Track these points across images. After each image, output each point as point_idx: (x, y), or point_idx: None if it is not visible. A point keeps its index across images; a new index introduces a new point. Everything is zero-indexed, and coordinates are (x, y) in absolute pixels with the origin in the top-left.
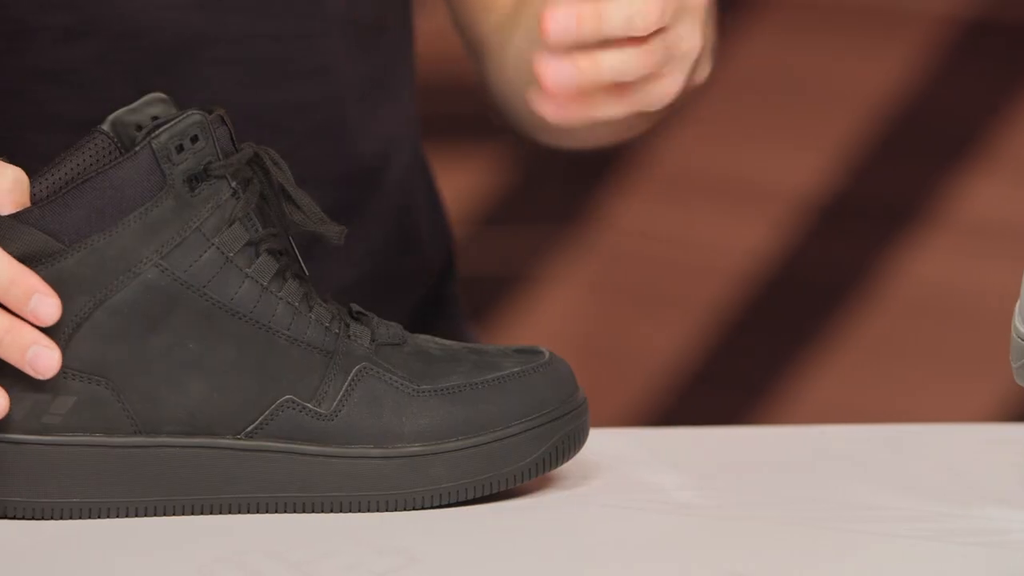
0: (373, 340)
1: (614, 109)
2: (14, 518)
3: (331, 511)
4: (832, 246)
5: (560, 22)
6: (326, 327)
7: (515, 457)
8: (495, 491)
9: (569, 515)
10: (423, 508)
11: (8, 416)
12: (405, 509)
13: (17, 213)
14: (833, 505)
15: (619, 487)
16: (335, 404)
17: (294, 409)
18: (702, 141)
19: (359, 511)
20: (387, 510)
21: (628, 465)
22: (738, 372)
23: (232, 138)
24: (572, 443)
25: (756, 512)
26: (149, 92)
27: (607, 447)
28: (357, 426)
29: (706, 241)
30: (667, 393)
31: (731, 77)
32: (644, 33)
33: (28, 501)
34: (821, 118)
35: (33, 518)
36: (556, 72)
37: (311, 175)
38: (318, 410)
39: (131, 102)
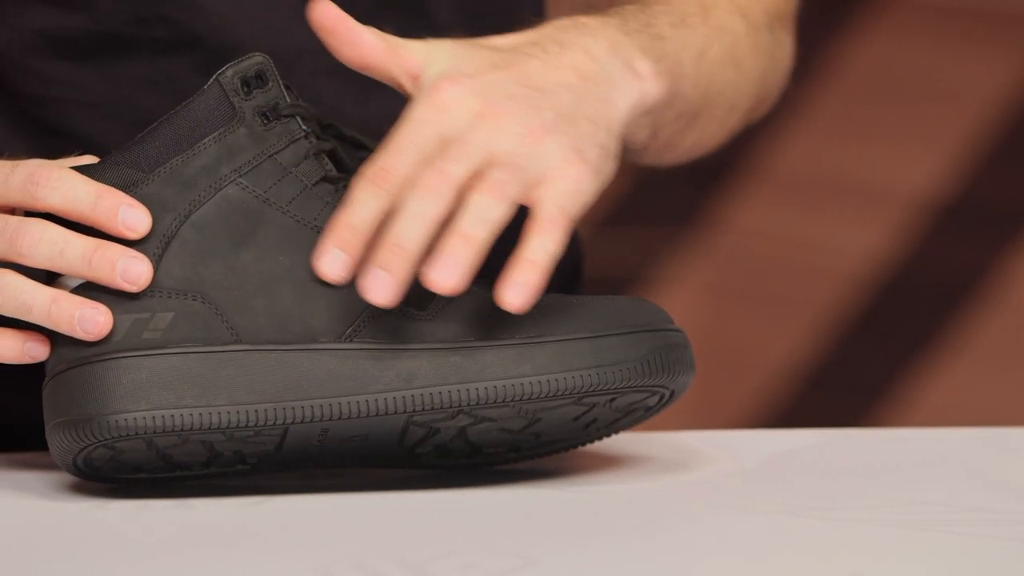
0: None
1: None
2: (127, 437)
3: (438, 406)
4: (950, 249)
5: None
6: None
7: (620, 354)
8: (601, 385)
9: (683, 516)
10: (529, 399)
11: (109, 337)
12: (511, 399)
13: (98, 162)
14: (948, 509)
15: (734, 488)
16: (433, 304)
17: (391, 311)
18: (821, 143)
19: (464, 403)
20: (494, 401)
21: (743, 466)
22: (854, 375)
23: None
24: (678, 359)
25: (870, 515)
26: None
27: (724, 447)
28: (458, 324)
29: (824, 243)
30: (783, 395)
31: (850, 78)
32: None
33: (139, 413)
34: (940, 120)
35: (146, 434)
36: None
37: None
38: (417, 311)
39: None
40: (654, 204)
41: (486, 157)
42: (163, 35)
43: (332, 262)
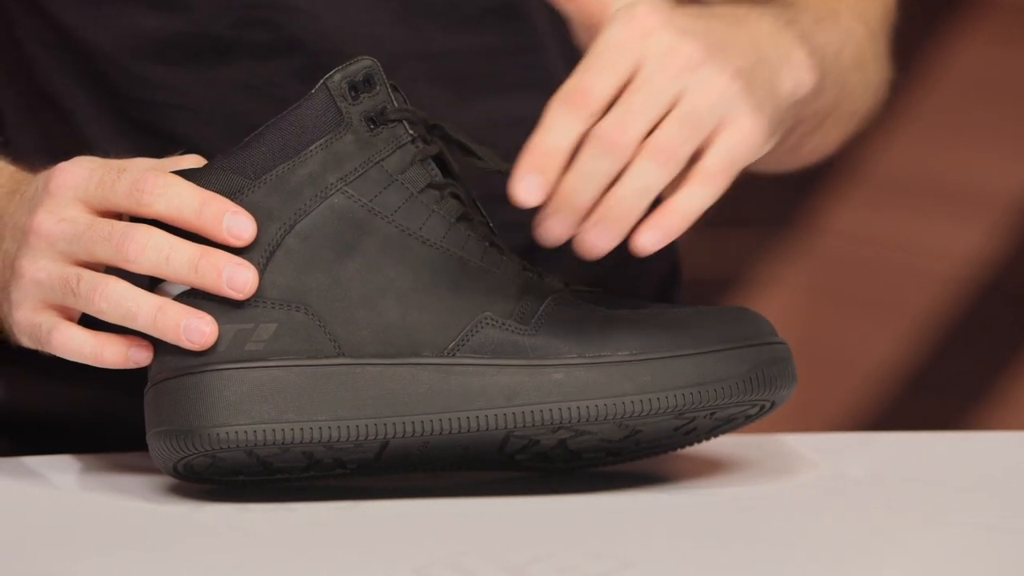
0: (567, 286)
1: (700, 197)
2: (228, 450)
3: (539, 423)
4: None
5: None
6: (521, 267)
7: (721, 372)
8: (702, 403)
9: (784, 519)
10: (632, 416)
11: (212, 348)
12: (613, 417)
13: (203, 166)
14: None
15: (834, 490)
16: (535, 319)
17: (494, 325)
18: (919, 145)
19: (566, 420)
20: (595, 418)
21: (844, 469)
22: (952, 377)
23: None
24: (780, 373)
25: (970, 517)
26: None
27: (822, 450)
28: (560, 340)
29: (921, 245)
30: (882, 397)
31: (947, 81)
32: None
33: (240, 426)
34: None
35: (247, 447)
36: (588, 241)
37: None
38: (519, 325)
39: None
40: (753, 206)
41: (671, 101)
42: (263, 39)
43: (528, 186)
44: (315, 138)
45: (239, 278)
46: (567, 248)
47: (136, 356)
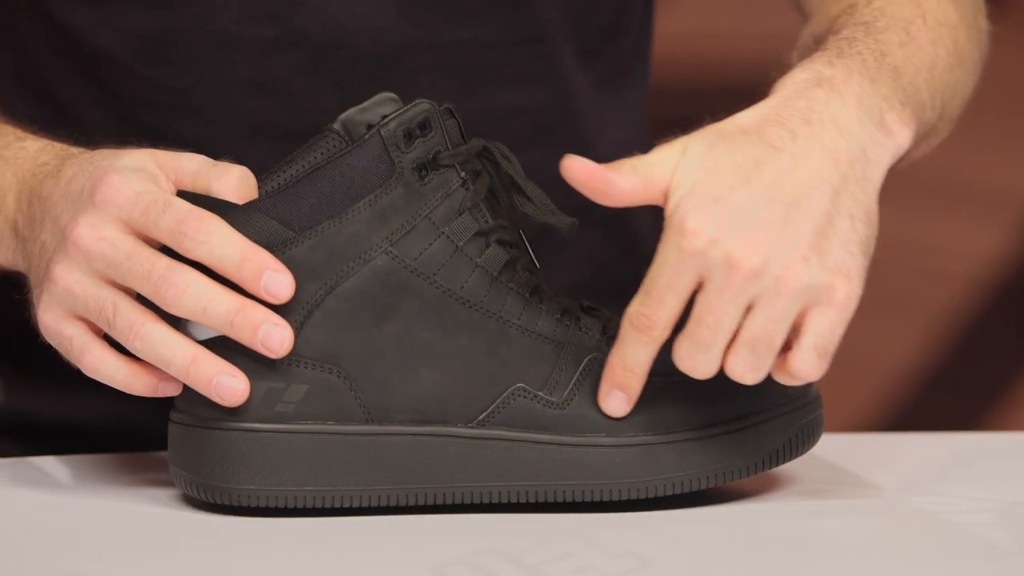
0: (604, 333)
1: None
2: (248, 507)
3: (561, 500)
4: None
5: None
6: (557, 319)
7: (749, 448)
8: (728, 482)
9: (802, 520)
10: (654, 497)
11: (242, 404)
12: (635, 498)
13: (249, 203)
14: None
15: (854, 492)
16: (566, 393)
17: (525, 397)
18: (939, 146)
19: (589, 499)
20: (618, 499)
21: (863, 470)
22: (972, 378)
23: (461, 131)
24: (806, 438)
25: (990, 518)
26: (355, 102)
27: (842, 451)
28: (589, 415)
29: (941, 246)
30: (900, 398)
31: None
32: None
33: (262, 489)
34: None
35: (267, 506)
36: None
37: (533, 181)
38: (549, 398)
39: (337, 112)
40: None
41: (748, 302)
42: (268, 33)
43: (617, 402)
44: (364, 193)
45: (274, 338)
46: (569, 247)
47: (165, 389)
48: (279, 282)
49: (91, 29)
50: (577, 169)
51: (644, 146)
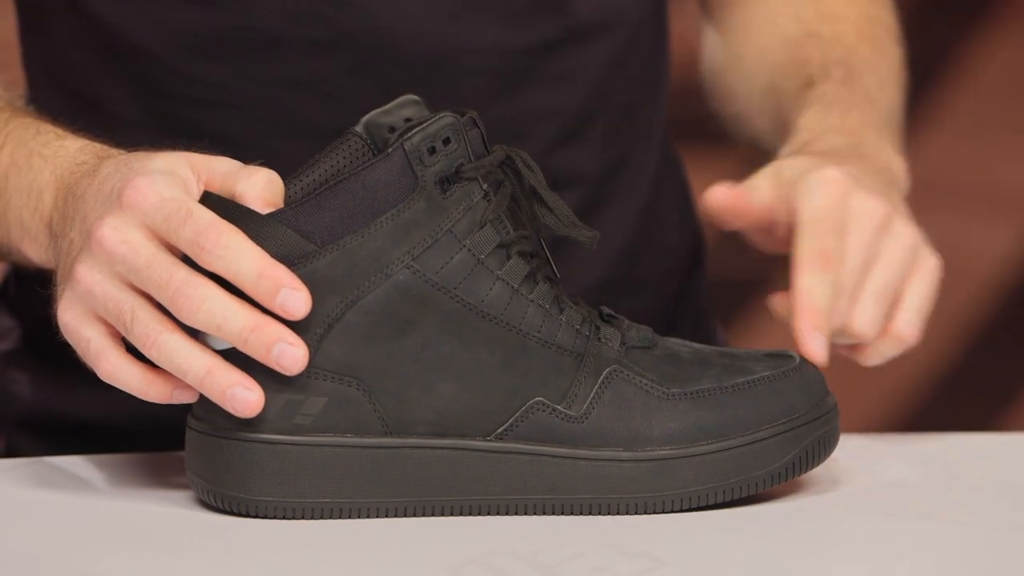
0: (623, 343)
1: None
2: (265, 517)
3: (578, 514)
4: None
5: (816, 349)
6: (576, 329)
7: (765, 461)
8: (744, 495)
9: (817, 521)
10: (671, 512)
11: (261, 416)
12: (653, 512)
13: (271, 213)
14: None
15: (868, 492)
16: (585, 407)
17: (544, 411)
18: (951, 146)
19: (606, 514)
20: (635, 513)
21: (877, 470)
22: (987, 378)
23: (484, 140)
24: (822, 448)
25: (1005, 519)
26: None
27: (856, 452)
28: (607, 429)
29: (954, 247)
30: (916, 398)
31: (980, 82)
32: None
33: (280, 500)
34: None
35: (284, 517)
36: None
37: (563, 179)
38: (568, 412)
39: None
40: None
41: (872, 258)
42: (314, 34)
43: (818, 345)
44: (386, 207)
45: (288, 356)
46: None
47: (180, 396)
48: (296, 299)
49: (129, 25)
50: (721, 197)
51: (663, 144)
